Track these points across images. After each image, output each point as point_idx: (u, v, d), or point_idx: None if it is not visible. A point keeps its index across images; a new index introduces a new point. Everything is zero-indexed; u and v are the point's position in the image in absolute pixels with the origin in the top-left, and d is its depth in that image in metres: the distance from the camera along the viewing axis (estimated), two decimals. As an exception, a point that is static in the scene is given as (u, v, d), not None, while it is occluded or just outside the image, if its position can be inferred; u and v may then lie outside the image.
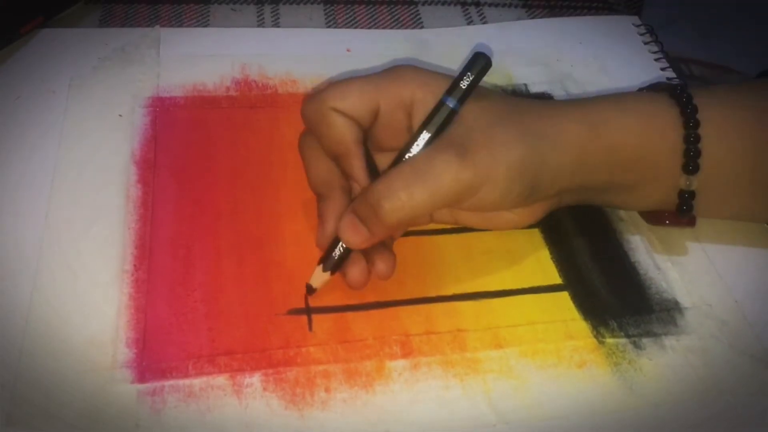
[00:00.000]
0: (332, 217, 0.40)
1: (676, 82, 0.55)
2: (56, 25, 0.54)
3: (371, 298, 0.41)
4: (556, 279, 0.43)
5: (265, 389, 0.37)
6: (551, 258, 0.44)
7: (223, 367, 0.37)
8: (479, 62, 0.39)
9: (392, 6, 0.61)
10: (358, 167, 0.40)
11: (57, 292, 0.39)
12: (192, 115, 0.49)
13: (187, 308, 0.39)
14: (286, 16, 0.59)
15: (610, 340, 0.40)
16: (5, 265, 0.40)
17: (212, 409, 0.36)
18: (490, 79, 0.55)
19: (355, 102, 0.40)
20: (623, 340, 0.40)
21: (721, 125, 0.41)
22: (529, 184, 0.39)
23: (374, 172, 0.41)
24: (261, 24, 0.58)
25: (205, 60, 0.53)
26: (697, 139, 0.41)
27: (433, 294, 0.41)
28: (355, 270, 0.40)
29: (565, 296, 0.42)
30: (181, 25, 0.56)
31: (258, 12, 0.59)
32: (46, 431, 0.34)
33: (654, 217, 0.45)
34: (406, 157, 0.39)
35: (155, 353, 0.37)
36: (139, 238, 0.42)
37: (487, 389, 0.38)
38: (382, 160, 0.42)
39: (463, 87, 0.39)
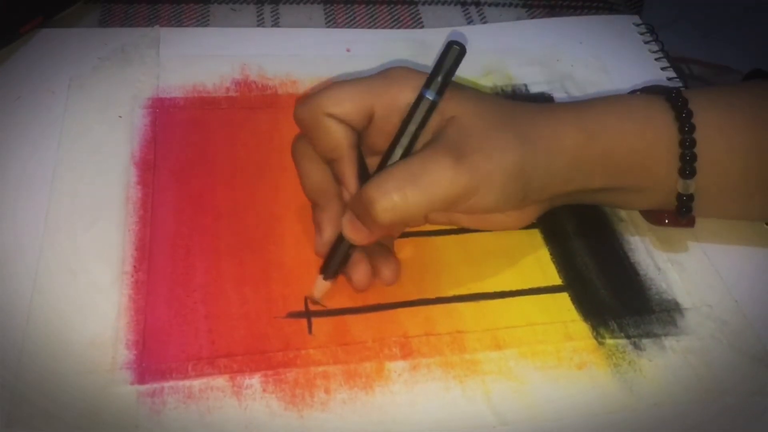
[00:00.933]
0: (329, 225, 0.40)
1: (671, 84, 0.55)
2: (56, 25, 0.54)
3: (371, 300, 0.41)
4: (555, 280, 0.43)
5: (264, 390, 0.37)
6: (551, 259, 0.44)
7: (222, 369, 0.37)
8: (453, 51, 0.39)
9: (392, 6, 0.61)
10: (349, 173, 0.40)
11: (57, 294, 0.39)
12: (192, 116, 0.49)
13: (187, 310, 0.39)
14: (286, 16, 0.59)
15: (610, 341, 0.40)
16: (5, 267, 0.40)
17: (212, 410, 0.36)
18: (491, 79, 0.55)
19: (349, 107, 0.39)
20: (623, 341, 0.40)
21: (717, 128, 0.42)
22: (524, 189, 0.39)
23: (366, 177, 0.41)
24: (261, 24, 0.58)
25: (204, 60, 0.53)
26: (693, 143, 0.41)
27: (432, 295, 0.41)
28: (359, 273, 0.40)
29: (564, 297, 0.42)
30: (180, 25, 0.56)
31: (258, 12, 0.59)
32: (46, 432, 0.34)
33: (654, 216, 0.45)
34: (394, 157, 0.39)
35: (155, 354, 0.37)
36: (138, 239, 0.42)
37: (486, 390, 0.38)
38: (375, 163, 0.42)
39: (440, 79, 0.39)
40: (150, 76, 0.51)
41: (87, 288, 0.39)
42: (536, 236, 0.45)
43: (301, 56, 0.54)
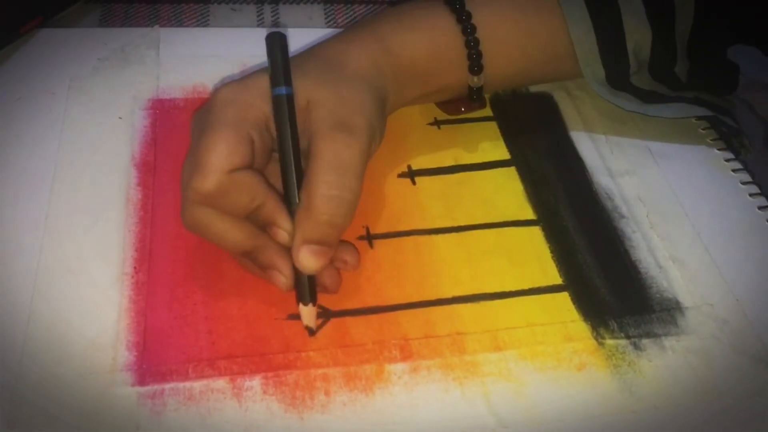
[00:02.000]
0: (282, 261, 0.39)
1: None
2: (56, 25, 0.54)
3: (370, 303, 0.41)
4: (556, 279, 0.43)
5: (265, 392, 0.37)
6: (551, 257, 0.44)
7: (223, 370, 0.37)
8: (276, 40, 0.40)
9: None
10: (279, 213, 0.38)
11: (57, 295, 0.39)
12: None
13: (188, 311, 0.39)
14: (286, 16, 0.58)
15: (610, 342, 0.40)
16: (6, 268, 0.40)
17: (212, 412, 0.36)
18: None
19: (236, 154, 0.37)
20: (623, 342, 0.40)
21: (493, 24, 0.47)
22: (384, 111, 0.43)
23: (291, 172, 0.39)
24: (261, 24, 0.58)
25: (205, 60, 0.53)
26: (477, 42, 0.46)
27: (432, 297, 0.41)
28: (330, 278, 0.40)
29: (564, 297, 0.42)
30: (180, 25, 0.56)
31: (258, 12, 0.58)
32: (46, 434, 0.34)
33: (450, 108, 0.51)
34: (287, 161, 0.39)
35: (155, 356, 0.37)
36: (139, 240, 0.42)
37: (486, 392, 0.38)
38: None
39: (281, 71, 0.39)
40: (150, 77, 0.51)
41: (87, 289, 0.39)
42: (537, 233, 0.45)
43: (301, 56, 0.54)
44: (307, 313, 0.39)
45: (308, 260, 0.38)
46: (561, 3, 0.47)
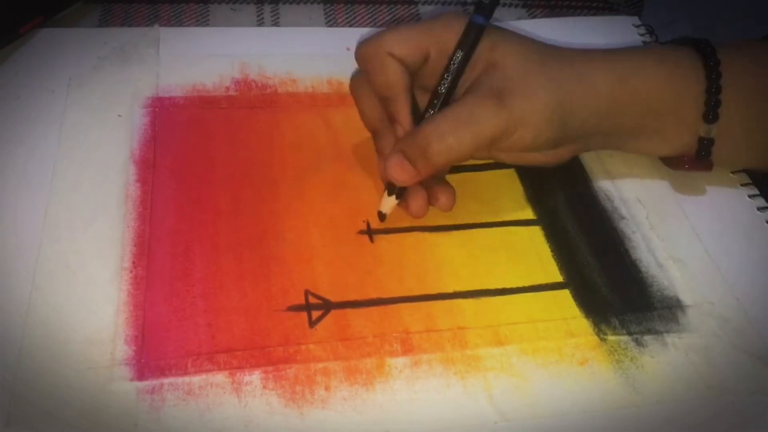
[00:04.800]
0: (390, 149, 0.43)
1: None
2: (56, 25, 0.54)
3: (371, 296, 0.41)
4: (557, 276, 0.43)
5: (264, 387, 0.36)
6: (552, 255, 0.44)
7: (222, 365, 0.37)
8: None
9: (392, 5, 0.61)
10: (404, 112, 0.43)
11: (56, 291, 0.39)
12: (191, 115, 0.49)
13: (186, 305, 0.39)
14: (285, 16, 0.59)
15: (611, 338, 0.40)
16: (4, 264, 0.40)
17: (211, 407, 0.36)
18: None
19: (409, 48, 0.43)
20: (625, 338, 0.40)
21: (742, 78, 0.44)
22: (560, 128, 0.43)
23: (416, 114, 0.44)
24: (261, 23, 0.58)
25: (204, 60, 0.53)
26: (719, 90, 0.43)
27: (433, 291, 0.41)
28: (417, 200, 0.44)
29: (566, 294, 0.42)
30: (180, 25, 0.56)
31: (258, 11, 0.59)
32: (45, 430, 0.34)
33: (674, 162, 0.47)
34: (444, 83, 0.42)
35: (154, 350, 0.37)
36: (137, 236, 0.42)
37: (487, 387, 0.38)
38: (424, 99, 0.45)
39: (487, 4, 0.42)
40: (150, 76, 0.51)
41: (86, 285, 0.39)
42: (537, 233, 0.45)
43: (301, 55, 0.54)
44: (387, 201, 0.44)
45: (392, 166, 0.42)
46: None
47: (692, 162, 0.46)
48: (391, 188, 0.43)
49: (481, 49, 0.43)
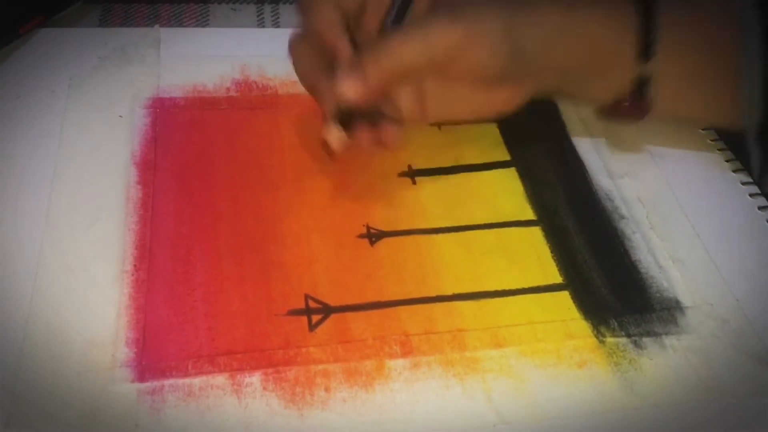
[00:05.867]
0: (331, 95, 0.41)
1: None
2: (56, 25, 0.54)
3: (371, 299, 0.41)
4: (556, 278, 0.43)
5: (264, 388, 0.37)
6: (551, 256, 0.44)
7: (222, 367, 0.37)
8: None
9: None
10: (344, 45, 0.41)
11: (57, 293, 0.39)
12: (192, 116, 0.49)
13: (187, 308, 0.39)
14: (286, 16, 0.59)
15: (610, 340, 0.40)
16: (5, 266, 0.40)
17: (212, 409, 0.36)
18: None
19: None
20: (624, 340, 0.40)
21: (678, 20, 0.44)
22: (512, 54, 0.41)
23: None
24: (261, 24, 0.58)
25: (205, 60, 0.53)
26: (655, 27, 0.43)
27: (432, 294, 0.41)
28: (363, 132, 0.42)
29: (565, 295, 0.42)
30: (180, 25, 0.56)
31: (258, 12, 0.59)
32: (45, 431, 0.34)
33: (612, 111, 0.46)
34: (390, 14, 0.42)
35: (155, 353, 0.37)
36: (139, 238, 0.42)
37: (486, 388, 0.38)
38: None
39: None
40: (150, 76, 0.51)
41: (87, 287, 0.39)
42: (537, 234, 0.45)
43: (301, 56, 0.54)
44: (331, 131, 0.41)
45: (342, 77, 0.40)
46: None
47: (629, 107, 0.46)
48: (341, 116, 0.41)
49: None
